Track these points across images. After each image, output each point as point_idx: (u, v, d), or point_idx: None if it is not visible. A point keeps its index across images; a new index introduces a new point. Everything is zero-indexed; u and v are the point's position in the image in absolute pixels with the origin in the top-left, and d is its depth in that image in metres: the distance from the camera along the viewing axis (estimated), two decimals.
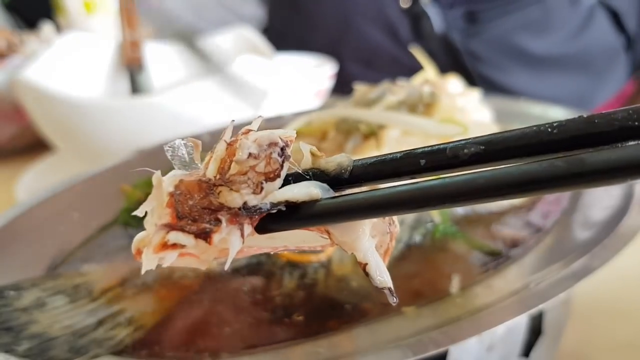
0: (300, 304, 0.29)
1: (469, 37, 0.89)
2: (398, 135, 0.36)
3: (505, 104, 0.53)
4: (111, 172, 0.47)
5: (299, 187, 0.17)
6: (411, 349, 0.23)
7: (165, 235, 0.16)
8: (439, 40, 0.91)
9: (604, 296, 0.40)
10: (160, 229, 0.17)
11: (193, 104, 0.62)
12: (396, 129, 0.35)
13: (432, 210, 0.31)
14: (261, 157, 0.17)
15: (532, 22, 0.88)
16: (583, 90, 0.94)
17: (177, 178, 0.17)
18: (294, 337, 0.27)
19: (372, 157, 0.18)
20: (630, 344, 0.36)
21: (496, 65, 0.89)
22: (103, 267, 0.34)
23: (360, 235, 0.17)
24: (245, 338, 0.27)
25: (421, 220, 0.36)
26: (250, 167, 0.17)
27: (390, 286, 0.17)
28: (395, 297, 0.17)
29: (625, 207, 0.33)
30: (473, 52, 0.90)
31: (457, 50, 0.90)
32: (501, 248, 0.33)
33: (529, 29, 0.88)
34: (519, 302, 0.26)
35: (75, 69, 0.72)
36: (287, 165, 0.18)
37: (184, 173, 0.18)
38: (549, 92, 0.90)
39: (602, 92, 0.97)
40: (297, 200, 0.17)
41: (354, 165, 0.18)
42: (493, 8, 0.88)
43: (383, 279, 0.17)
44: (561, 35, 0.89)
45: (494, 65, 0.89)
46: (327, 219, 0.17)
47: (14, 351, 0.25)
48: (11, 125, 0.80)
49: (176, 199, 0.17)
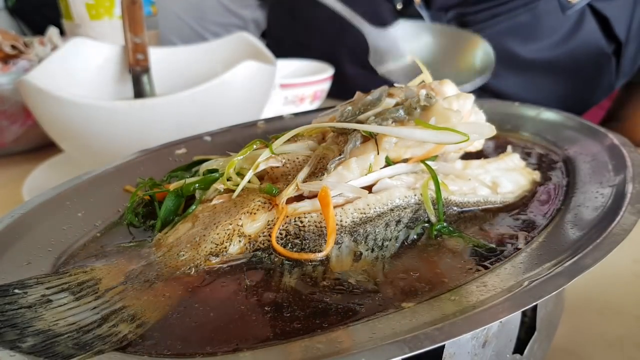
0: (299, 300, 0.30)
1: None
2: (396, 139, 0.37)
3: (498, 106, 0.53)
4: (115, 172, 0.47)
5: None
6: (407, 345, 0.23)
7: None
8: None
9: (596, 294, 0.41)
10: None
11: (196, 107, 0.62)
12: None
13: None
14: None
15: (522, 26, 0.89)
16: (572, 95, 0.94)
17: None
18: (294, 334, 0.27)
19: None
20: (620, 340, 0.37)
21: None
22: (107, 265, 0.34)
23: None
24: (245, 334, 0.27)
25: (418, 219, 0.37)
26: None
27: None
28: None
29: (617, 207, 0.34)
30: None
31: None
32: (495, 246, 0.34)
33: (518, 34, 0.89)
34: (513, 300, 0.27)
35: (80, 73, 0.73)
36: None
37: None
38: (538, 96, 0.90)
39: (591, 97, 0.97)
40: None
41: None
42: (482, 11, 0.88)
43: None
44: (551, 40, 0.89)
45: None
46: None
47: (19, 348, 0.26)
48: (18, 126, 0.81)
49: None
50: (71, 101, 0.59)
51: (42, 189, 0.45)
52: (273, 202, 0.35)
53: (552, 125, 0.51)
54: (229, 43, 0.81)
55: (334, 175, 0.35)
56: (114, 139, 0.61)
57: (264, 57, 0.74)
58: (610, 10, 0.89)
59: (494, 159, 0.44)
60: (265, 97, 0.73)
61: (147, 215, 0.41)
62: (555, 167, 0.45)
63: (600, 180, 0.39)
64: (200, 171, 0.42)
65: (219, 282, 0.32)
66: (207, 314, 0.29)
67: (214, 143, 0.54)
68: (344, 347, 0.25)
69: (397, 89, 0.42)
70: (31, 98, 0.62)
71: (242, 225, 0.34)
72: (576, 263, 0.29)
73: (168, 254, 0.34)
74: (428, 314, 0.27)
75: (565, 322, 0.38)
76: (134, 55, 0.75)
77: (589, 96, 0.97)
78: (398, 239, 0.35)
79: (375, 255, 0.34)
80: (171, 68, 0.80)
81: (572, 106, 0.93)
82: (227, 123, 0.57)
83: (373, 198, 0.36)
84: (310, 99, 0.89)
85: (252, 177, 0.37)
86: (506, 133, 0.51)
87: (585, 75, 0.93)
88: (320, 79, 0.88)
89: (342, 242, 0.34)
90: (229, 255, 0.34)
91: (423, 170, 0.38)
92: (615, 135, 0.44)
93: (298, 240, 0.34)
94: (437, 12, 0.90)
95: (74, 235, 0.39)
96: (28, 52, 0.83)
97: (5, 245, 0.36)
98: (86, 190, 0.44)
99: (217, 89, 0.63)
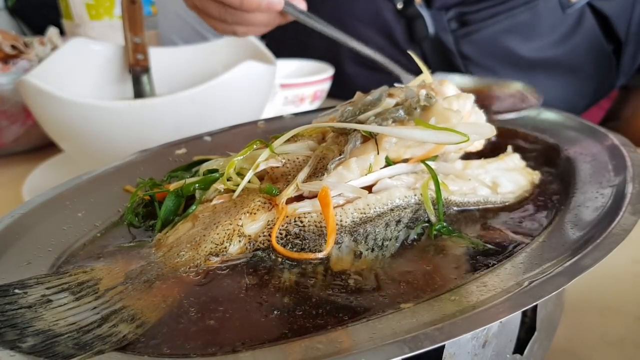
0: (299, 300, 0.30)
1: (461, 39, 0.90)
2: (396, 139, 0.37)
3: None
4: (115, 172, 0.47)
5: None
6: (408, 345, 0.23)
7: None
8: (432, 42, 0.92)
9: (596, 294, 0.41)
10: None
11: (196, 107, 0.63)
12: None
13: None
14: None
15: (522, 25, 0.88)
16: (572, 94, 0.94)
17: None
18: (294, 333, 0.27)
19: None
20: (620, 340, 0.37)
21: (487, 67, 0.90)
22: (107, 265, 0.34)
23: None
24: (245, 334, 0.27)
25: (418, 219, 0.37)
26: None
27: None
28: None
29: (617, 207, 0.34)
30: (464, 54, 0.91)
31: (450, 51, 0.90)
32: (495, 246, 0.34)
33: (518, 32, 0.89)
34: (513, 300, 0.27)
35: (80, 73, 0.73)
36: None
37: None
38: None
39: (591, 96, 0.97)
40: None
41: None
42: (482, 10, 0.88)
43: None
44: (550, 39, 0.89)
45: (484, 68, 0.90)
46: None
47: (19, 348, 0.26)
48: (17, 126, 0.81)
49: None
50: (71, 101, 0.59)
51: (42, 189, 0.45)
52: (273, 202, 0.35)
53: (552, 125, 0.51)
54: (229, 43, 0.81)
55: (334, 175, 0.35)
56: (114, 139, 0.61)
57: (264, 57, 0.74)
58: (609, 9, 0.89)
59: (494, 159, 0.44)
60: (265, 97, 0.73)
61: (147, 215, 0.41)
62: (555, 167, 0.45)
63: (600, 180, 0.39)
64: (200, 171, 0.42)
65: (218, 282, 0.32)
66: (206, 314, 0.29)
67: (214, 143, 0.54)
68: (344, 347, 0.25)
69: (397, 89, 0.42)
70: (31, 98, 0.62)
71: (242, 225, 0.34)
72: (576, 263, 0.29)
73: (168, 254, 0.34)
74: (428, 314, 0.27)
75: (565, 323, 0.38)
76: (134, 55, 0.75)
77: (589, 95, 0.97)
78: (398, 239, 0.35)
79: (375, 255, 0.34)
80: (171, 68, 0.80)
81: (572, 106, 0.93)
82: (227, 123, 0.57)
83: (373, 198, 0.36)
84: (310, 99, 0.89)
85: (252, 177, 0.37)
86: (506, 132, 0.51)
87: (585, 74, 0.93)
88: (320, 79, 0.89)
89: (342, 242, 0.34)
90: (229, 255, 0.34)
91: (423, 170, 0.38)
92: (615, 135, 0.44)
93: (298, 240, 0.34)
94: (438, 11, 0.90)
95: (74, 235, 0.39)
96: (28, 52, 0.83)
97: (5, 245, 0.36)
98: (86, 190, 0.44)
99: (217, 89, 0.63)
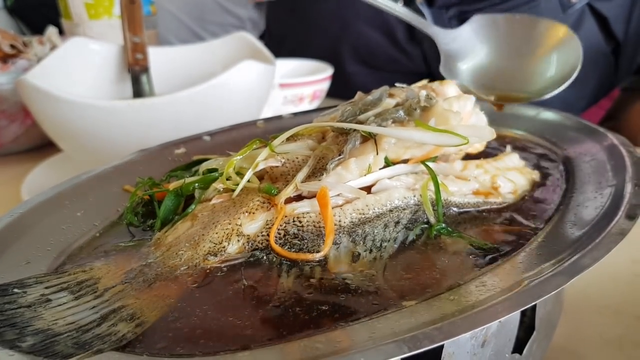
0: (298, 300, 0.30)
1: None
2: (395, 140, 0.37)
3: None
4: (114, 172, 0.47)
5: None
6: (407, 344, 0.23)
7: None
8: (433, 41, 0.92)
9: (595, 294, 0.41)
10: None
11: (195, 107, 0.63)
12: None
13: None
14: None
15: None
16: (571, 95, 0.94)
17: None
18: (292, 333, 0.27)
19: None
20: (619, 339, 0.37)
21: None
22: (106, 264, 0.34)
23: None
24: (244, 334, 0.27)
25: (417, 220, 0.37)
26: None
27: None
28: None
29: (616, 207, 0.34)
30: None
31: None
32: (495, 246, 0.34)
33: None
34: (512, 299, 0.27)
35: (79, 72, 0.73)
36: None
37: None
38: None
39: (590, 96, 0.98)
40: None
41: None
42: (483, 9, 0.88)
43: None
44: None
45: None
46: None
47: (19, 347, 0.25)
48: (16, 126, 0.81)
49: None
50: (70, 101, 0.59)
51: (41, 188, 0.45)
52: (272, 201, 0.35)
53: (551, 125, 0.51)
54: (228, 43, 0.81)
55: (333, 175, 0.35)
56: (113, 139, 0.61)
57: (263, 56, 0.74)
58: (609, 10, 0.89)
59: (494, 159, 0.44)
60: (264, 96, 0.73)
61: (146, 214, 0.41)
62: (554, 167, 0.45)
63: (599, 180, 0.39)
64: (200, 171, 0.42)
65: (217, 282, 0.32)
66: (205, 314, 0.29)
67: (213, 143, 0.54)
68: (343, 347, 0.25)
69: (397, 89, 0.42)
70: (30, 98, 0.62)
71: (241, 224, 0.34)
72: (575, 263, 0.29)
73: (167, 253, 0.34)
74: (427, 313, 0.27)
75: (564, 322, 0.38)
76: (133, 55, 0.75)
77: (588, 96, 0.97)
78: (397, 239, 0.35)
79: (373, 256, 0.33)
80: (170, 68, 0.80)
81: (572, 106, 0.93)
82: (227, 123, 0.57)
83: (372, 199, 0.36)
84: (310, 99, 0.89)
85: (252, 177, 0.37)
86: (506, 133, 0.51)
87: (584, 74, 0.93)
88: (319, 79, 0.89)
89: (341, 243, 0.34)
90: (227, 255, 0.34)
91: (422, 171, 0.38)
92: (614, 135, 0.45)
93: (297, 240, 0.34)
94: (438, 9, 0.90)
95: (73, 234, 0.39)
96: (27, 52, 0.83)
97: (5, 244, 0.36)
98: (85, 190, 0.44)
99: (216, 88, 0.63)
